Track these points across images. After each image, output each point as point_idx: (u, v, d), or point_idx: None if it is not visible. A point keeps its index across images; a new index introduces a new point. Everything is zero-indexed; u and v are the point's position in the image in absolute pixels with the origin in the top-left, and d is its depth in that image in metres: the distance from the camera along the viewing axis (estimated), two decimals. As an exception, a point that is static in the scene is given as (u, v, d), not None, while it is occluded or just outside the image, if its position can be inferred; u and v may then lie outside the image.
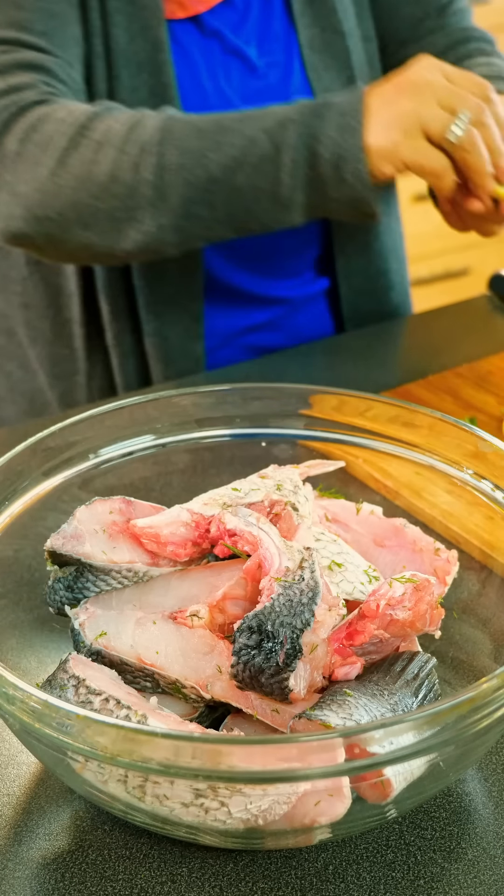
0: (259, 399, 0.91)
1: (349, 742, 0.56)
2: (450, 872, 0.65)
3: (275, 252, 1.30)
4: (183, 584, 0.76)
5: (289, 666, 0.66)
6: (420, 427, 0.86)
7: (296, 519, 0.78)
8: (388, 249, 1.39)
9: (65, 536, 0.76)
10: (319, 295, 1.37)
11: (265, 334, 1.34)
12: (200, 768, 0.55)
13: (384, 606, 0.69)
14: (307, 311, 1.37)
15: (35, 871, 0.66)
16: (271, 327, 1.34)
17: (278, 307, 1.34)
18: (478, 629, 0.78)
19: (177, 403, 0.89)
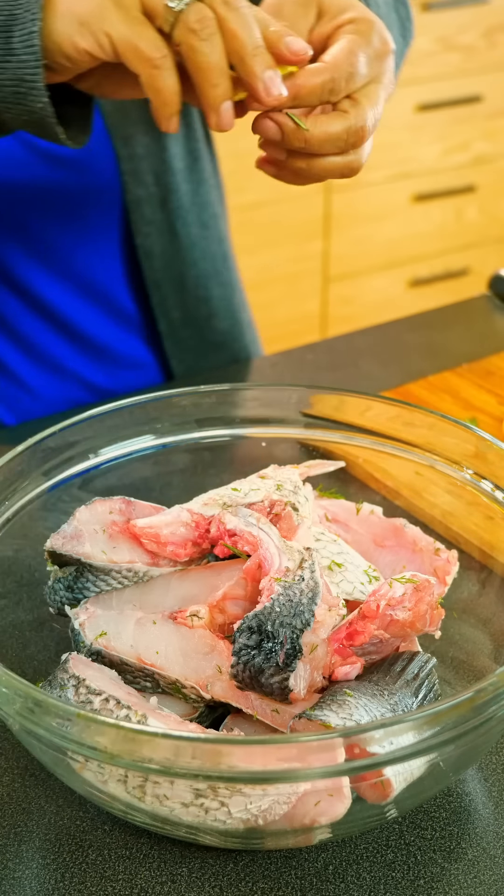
0: (259, 399, 0.91)
1: (349, 742, 0.56)
2: (450, 872, 0.65)
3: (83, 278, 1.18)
4: (183, 584, 0.76)
5: (289, 666, 0.66)
6: (420, 427, 0.86)
7: (296, 519, 0.78)
8: (209, 275, 1.24)
9: (65, 536, 0.76)
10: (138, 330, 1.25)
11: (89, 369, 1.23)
12: (200, 768, 0.55)
13: (384, 607, 0.69)
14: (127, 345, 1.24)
15: (35, 872, 0.66)
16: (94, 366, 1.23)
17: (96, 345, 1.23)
18: (478, 629, 0.78)
19: (177, 403, 0.90)
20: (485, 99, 2.91)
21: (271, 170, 0.84)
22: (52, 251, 1.14)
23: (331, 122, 0.79)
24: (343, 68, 0.78)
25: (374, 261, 2.97)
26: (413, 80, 2.72)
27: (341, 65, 0.78)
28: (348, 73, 0.78)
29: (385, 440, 0.88)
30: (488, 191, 3.07)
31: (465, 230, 3.09)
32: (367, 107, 0.80)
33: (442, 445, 0.84)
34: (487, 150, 3.01)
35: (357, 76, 0.79)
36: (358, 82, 0.79)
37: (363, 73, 0.79)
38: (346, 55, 0.79)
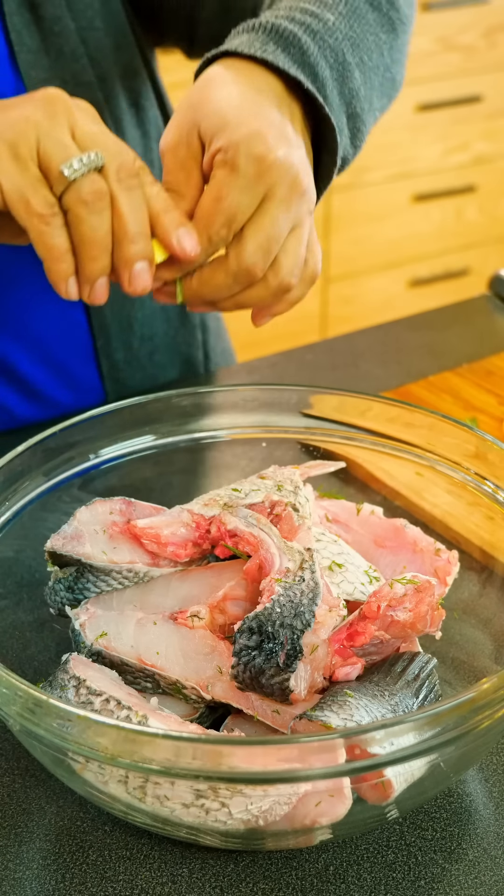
0: (259, 399, 0.91)
1: (350, 743, 0.56)
2: (450, 873, 0.65)
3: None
4: (183, 584, 0.76)
5: (289, 667, 0.66)
6: (420, 427, 0.86)
7: (296, 520, 0.78)
8: (156, 314, 1.20)
9: (65, 537, 0.76)
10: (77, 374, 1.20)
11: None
12: (201, 769, 0.55)
13: (385, 607, 0.69)
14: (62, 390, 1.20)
15: (36, 872, 0.66)
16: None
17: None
18: (478, 630, 0.78)
19: (177, 403, 0.89)
20: (485, 99, 2.91)
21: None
22: (12, 304, 1.12)
23: (212, 275, 0.78)
24: (215, 220, 0.75)
25: (374, 261, 2.97)
26: (413, 80, 2.72)
27: (212, 218, 0.75)
28: (223, 220, 0.75)
29: (385, 441, 0.88)
30: (488, 191, 3.07)
31: (465, 230, 3.09)
32: (251, 241, 0.75)
33: (442, 446, 0.84)
34: (487, 150, 3.01)
35: (234, 217, 0.75)
36: (239, 220, 0.75)
37: (241, 208, 0.75)
38: (214, 203, 0.75)
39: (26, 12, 1.01)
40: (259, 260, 0.76)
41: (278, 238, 0.76)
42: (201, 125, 0.76)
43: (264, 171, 0.74)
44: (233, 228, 0.76)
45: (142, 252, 0.75)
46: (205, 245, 0.76)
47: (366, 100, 0.89)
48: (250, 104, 0.77)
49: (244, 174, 0.74)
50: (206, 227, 0.76)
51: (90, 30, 1.05)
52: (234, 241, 0.76)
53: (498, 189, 3.09)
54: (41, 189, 0.73)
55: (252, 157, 0.74)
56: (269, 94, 0.79)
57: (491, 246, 3.16)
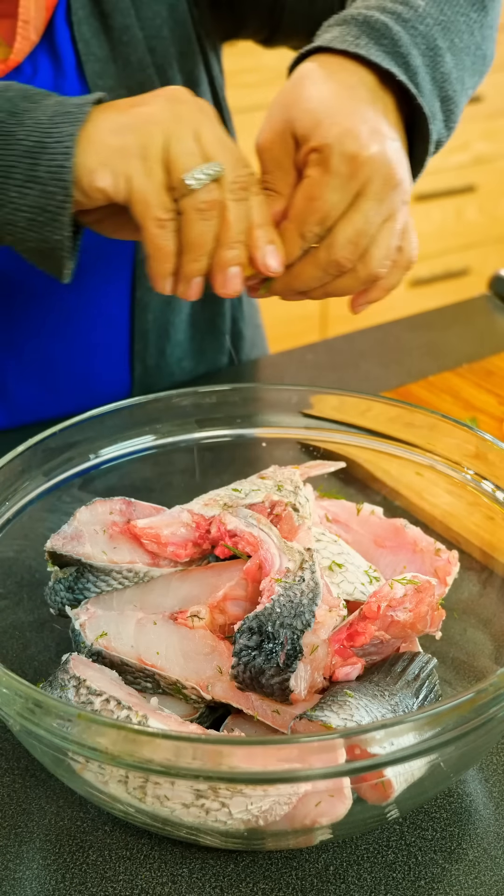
0: (260, 399, 0.91)
1: (350, 743, 0.56)
2: (450, 873, 0.65)
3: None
4: (183, 584, 0.76)
5: (289, 667, 0.66)
6: (420, 427, 0.86)
7: (296, 520, 0.78)
8: (192, 320, 1.22)
9: (65, 537, 0.76)
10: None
11: None
12: (201, 769, 0.55)
13: (385, 608, 0.69)
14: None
15: (36, 872, 0.66)
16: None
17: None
18: (478, 630, 0.78)
19: (177, 404, 0.90)
20: (485, 99, 2.91)
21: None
22: (56, 300, 1.13)
23: (303, 268, 0.80)
24: (309, 219, 0.77)
25: (375, 261, 2.97)
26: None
27: (305, 216, 0.78)
28: (316, 219, 0.77)
29: (385, 440, 0.88)
30: (488, 191, 3.07)
31: (465, 230, 3.09)
32: (341, 236, 0.77)
33: (442, 446, 0.85)
34: (487, 150, 3.01)
35: (327, 215, 0.77)
36: (332, 217, 0.77)
37: (334, 206, 0.77)
38: (307, 202, 0.77)
39: (95, 21, 1.02)
40: (349, 253, 0.78)
41: (369, 232, 0.78)
42: (295, 124, 0.78)
43: (357, 170, 0.76)
44: (325, 225, 0.78)
45: (238, 258, 0.78)
46: (298, 241, 0.79)
47: (458, 81, 0.90)
48: (343, 102, 0.78)
49: (337, 173, 0.76)
50: (299, 225, 0.78)
51: (157, 38, 1.06)
52: (326, 236, 0.78)
53: (498, 189, 3.09)
54: (163, 195, 0.76)
55: (345, 156, 0.76)
56: (362, 89, 0.80)
57: (491, 246, 3.16)
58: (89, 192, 0.76)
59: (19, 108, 0.78)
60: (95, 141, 0.76)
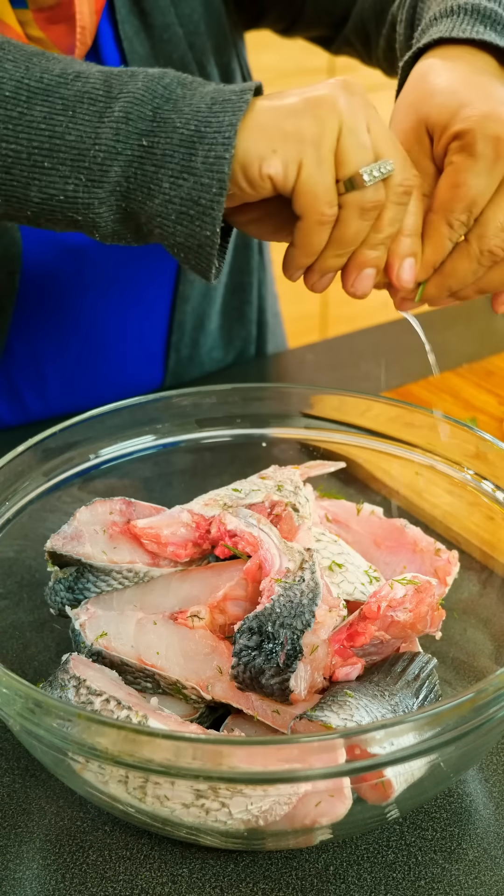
0: (259, 399, 0.91)
1: (350, 743, 0.56)
2: (450, 873, 0.65)
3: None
4: (183, 584, 0.76)
5: (289, 667, 0.66)
6: (420, 427, 0.86)
7: (296, 520, 0.78)
8: (226, 311, 1.23)
9: (65, 537, 0.76)
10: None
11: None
12: (201, 769, 0.55)
13: (385, 608, 0.69)
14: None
15: (36, 872, 0.66)
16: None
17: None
18: (478, 630, 0.78)
19: (177, 404, 0.90)
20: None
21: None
22: (102, 292, 1.14)
23: (456, 264, 0.77)
24: (456, 206, 0.75)
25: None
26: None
27: (452, 204, 0.75)
28: (463, 206, 0.74)
29: (385, 440, 0.88)
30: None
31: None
32: (492, 223, 0.74)
33: (442, 446, 0.84)
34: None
35: (475, 202, 0.74)
36: (480, 204, 0.74)
37: (481, 192, 0.74)
38: (452, 189, 0.75)
39: (136, 20, 1.02)
40: (501, 241, 0.75)
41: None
42: (430, 119, 0.75)
43: (502, 151, 0.73)
44: (473, 213, 0.75)
45: (379, 259, 0.76)
46: (445, 231, 0.76)
47: None
48: (476, 86, 0.76)
49: (483, 157, 0.73)
50: (446, 214, 0.75)
51: (195, 34, 1.05)
52: (475, 225, 0.75)
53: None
54: (332, 191, 0.72)
55: (490, 138, 0.73)
56: (489, 73, 0.78)
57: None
58: (256, 180, 0.72)
59: (176, 95, 0.74)
60: (267, 126, 0.72)
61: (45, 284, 1.10)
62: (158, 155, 0.72)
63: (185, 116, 0.72)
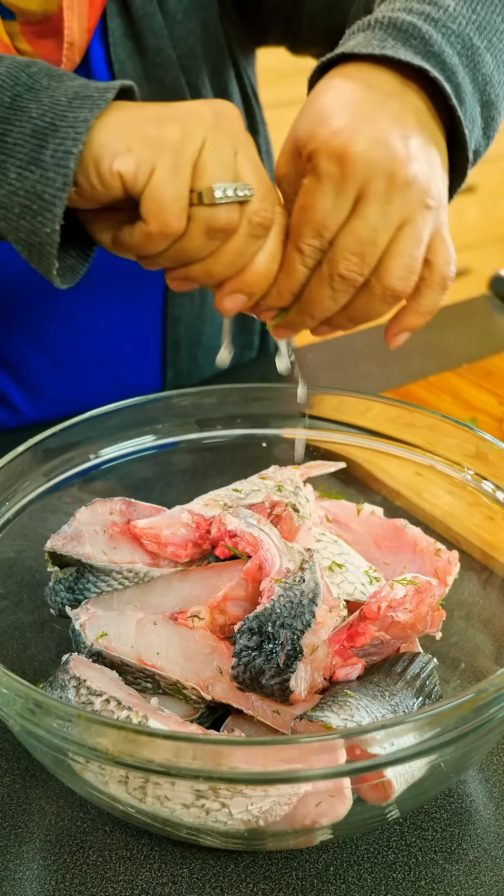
0: (259, 399, 0.91)
1: (350, 743, 0.56)
2: (451, 873, 0.65)
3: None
4: (184, 585, 0.76)
5: (289, 667, 0.65)
6: (421, 427, 0.86)
7: (296, 520, 0.78)
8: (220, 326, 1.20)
9: (65, 537, 0.76)
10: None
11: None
12: (201, 769, 0.55)
13: (385, 608, 0.69)
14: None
15: (36, 872, 0.66)
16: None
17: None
18: (479, 630, 0.78)
19: (177, 404, 0.90)
20: (485, 99, 2.91)
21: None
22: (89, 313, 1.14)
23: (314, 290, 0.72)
24: (304, 231, 0.70)
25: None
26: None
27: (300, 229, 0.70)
28: (312, 231, 0.70)
29: (386, 441, 0.88)
30: (488, 191, 3.07)
31: (465, 230, 3.09)
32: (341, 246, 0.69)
33: (442, 446, 0.84)
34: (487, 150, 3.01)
35: (324, 225, 0.69)
36: (330, 227, 0.69)
37: (328, 214, 0.69)
38: (300, 213, 0.70)
39: (129, 42, 1.01)
40: (354, 266, 0.70)
41: (376, 240, 0.69)
42: (298, 139, 0.71)
43: (348, 169, 0.68)
44: (324, 237, 0.70)
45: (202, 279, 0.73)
46: (296, 257, 0.71)
47: (500, 85, 0.80)
48: (344, 105, 0.70)
49: (327, 177, 0.69)
50: (296, 238, 0.71)
51: (190, 58, 1.04)
52: (328, 249, 0.70)
53: (498, 189, 3.09)
54: (182, 203, 0.68)
55: (332, 156, 0.68)
56: (377, 89, 0.72)
57: (491, 246, 3.16)
58: (106, 177, 0.68)
59: (40, 85, 0.71)
60: (128, 125, 0.69)
61: (28, 304, 1.10)
62: (9, 143, 0.69)
63: (43, 107, 0.69)
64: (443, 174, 0.73)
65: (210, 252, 0.70)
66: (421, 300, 0.73)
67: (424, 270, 0.72)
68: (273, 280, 0.73)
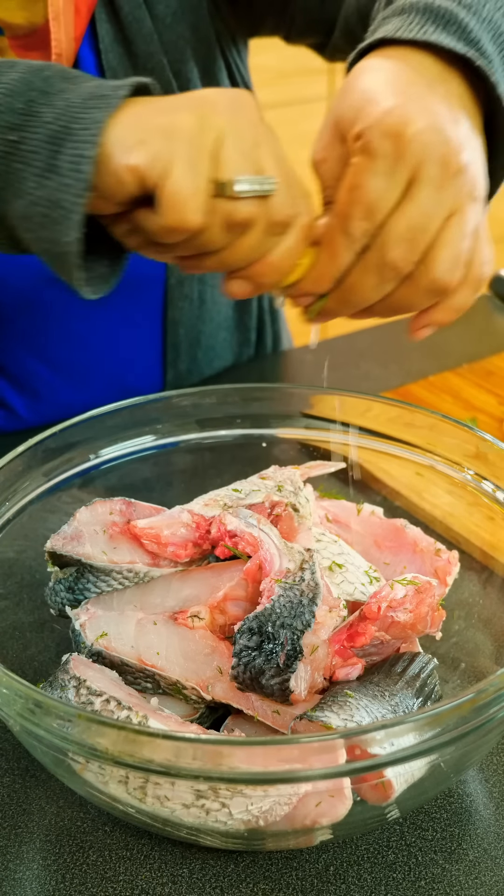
0: (260, 399, 0.91)
1: (350, 743, 0.55)
2: (451, 873, 0.65)
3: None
4: (184, 585, 0.76)
5: (289, 667, 0.65)
6: (421, 427, 0.86)
7: (296, 520, 0.78)
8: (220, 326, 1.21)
9: (65, 537, 0.76)
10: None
11: None
12: (201, 769, 0.55)
13: (385, 608, 0.69)
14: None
15: (36, 872, 0.66)
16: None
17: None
18: (478, 630, 0.78)
19: (177, 404, 0.90)
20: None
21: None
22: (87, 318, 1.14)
23: (357, 277, 0.69)
24: (353, 212, 0.67)
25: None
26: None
27: (349, 209, 0.67)
28: (362, 212, 0.67)
29: (386, 440, 0.88)
30: (488, 190, 3.06)
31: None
32: (393, 231, 0.66)
33: (442, 446, 0.84)
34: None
35: (375, 206, 0.66)
36: (382, 209, 0.66)
37: (381, 195, 0.66)
38: (349, 192, 0.67)
39: (120, 48, 1.00)
40: (404, 252, 0.67)
41: (428, 227, 0.66)
42: (341, 120, 0.68)
43: (404, 149, 0.65)
44: (374, 220, 0.67)
45: (243, 289, 0.71)
46: (343, 241, 0.68)
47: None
48: (391, 84, 0.68)
49: (381, 155, 0.65)
50: (343, 220, 0.67)
51: (181, 62, 1.03)
52: (377, 233, 0.67)
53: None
54: (201, 198, 0.64)
55: (388, 134, 0.65)
56: (421, 73, 0.70)
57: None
58: (121, 172, 0.65)
59: (54, 89, 0.67)
60: (143, 119, 0.65)
61: (24, 308, 1.09)
62: (25, 151, 0.67)
63: (56, 111, 0.66)
64: (485, 167, 0.71)
65: (226, 244, 0.68)
66: (455, 297, 0.71)
67: (465, 266, 0.70)
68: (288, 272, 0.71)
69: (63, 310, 1.10)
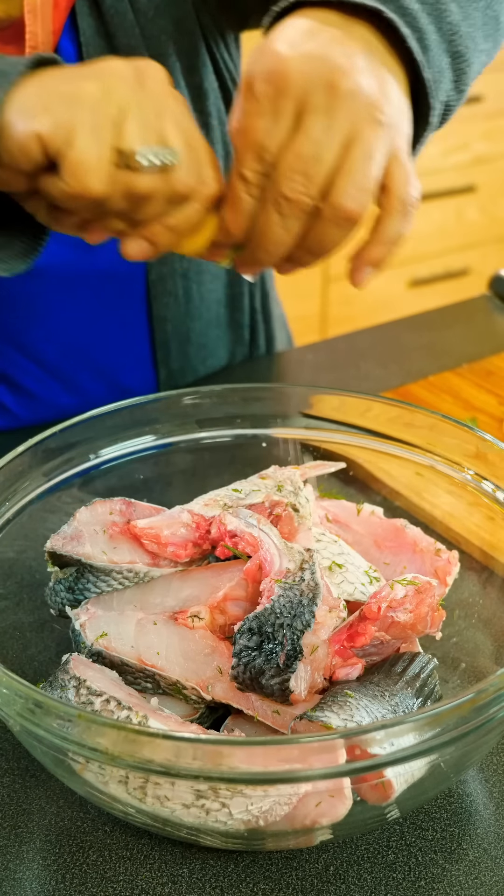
0: (260, 399, 0.91)
1: (350, 743, 0.55)
2: (451, 873, 0.65)
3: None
4: (184, 585, 0.76)
5: (289, 667, 0.65)
6: (421, 427, 0.86)
7: (296, 520, 0.78)
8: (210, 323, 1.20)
9: (65, 537, 0.76)
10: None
11: None
12: (201, 769, 0.55)
13: (385, 609, 0.69)
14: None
15: (36, 872, 0.66)
16: None
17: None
18: (479, 630, 0.78)
19: (177, 404, 0.89)
20: (485, 99, 2.91)
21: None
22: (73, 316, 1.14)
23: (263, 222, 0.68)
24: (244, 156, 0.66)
25: (374, 261, 2.97)
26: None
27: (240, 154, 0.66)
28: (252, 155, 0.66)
29: (385, 441, 0.88)
30: (488, 191, 3.07)
31: (465, 230, 3.09)
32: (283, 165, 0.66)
33: (442, 446, 0.84)
34: (487, 150, 3.01)
35: (263, 146, 0.66)
36: (270, 148, 0.66)
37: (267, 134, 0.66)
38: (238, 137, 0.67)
39: (101, 41, 1.00)
40: (300, 185, 0.65)
41: (319, 156, 0.65)
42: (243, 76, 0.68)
43: (285, 83, 0.64)
44: (265, 159, 0.66)
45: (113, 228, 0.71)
46: (240, 186, 0.67)
47: (468, 38, 0.77)
48: (283, 38, 0.66)
49: (262, 94, 0.65)
50: (238, 166, 0.67)
51: (163, 56, 1.03)
52: (270, 172, 0.66)
53: (498, 189, 3.09)
54: (104, 166, 0.64)
55: (265, 73, 0.64)
56: (323, 23, 0.68)
57: (491, 246, 3.16)
58: (24, 140, 0.64)
59: None
60: (45, 87, 0.65)
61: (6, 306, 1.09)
62: None
63: None
64: (400, 99, 0.69)
65: (128, 211, 0.68)
66: (381, 229, 0.69)
67: (381, 196, 0.68)
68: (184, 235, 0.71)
69: (43, 304, 1.10)
